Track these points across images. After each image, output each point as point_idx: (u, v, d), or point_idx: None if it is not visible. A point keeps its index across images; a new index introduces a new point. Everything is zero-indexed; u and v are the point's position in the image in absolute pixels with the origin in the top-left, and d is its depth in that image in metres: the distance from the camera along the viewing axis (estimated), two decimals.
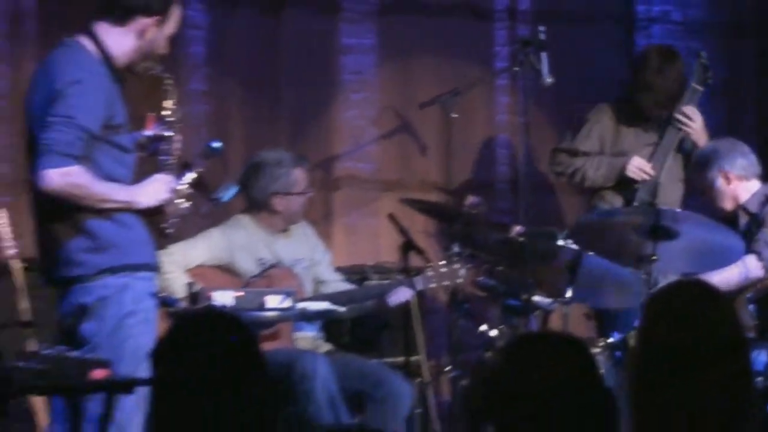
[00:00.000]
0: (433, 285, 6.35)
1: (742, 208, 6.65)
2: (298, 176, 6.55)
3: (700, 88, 6.97)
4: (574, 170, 7.05)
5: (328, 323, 6.68)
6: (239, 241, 6.59)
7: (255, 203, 6.57)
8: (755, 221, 6.67)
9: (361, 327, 6.93)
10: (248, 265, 6.49)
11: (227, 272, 6.53)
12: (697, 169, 6.79)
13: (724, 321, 3.27)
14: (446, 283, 6.30)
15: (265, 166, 6.54)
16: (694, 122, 6.97)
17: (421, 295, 6.46)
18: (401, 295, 6.36)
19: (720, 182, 6.63)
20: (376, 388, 6.30)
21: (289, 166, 6.53)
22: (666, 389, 3.18)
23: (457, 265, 6.23)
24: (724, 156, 6.63)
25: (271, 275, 6.46)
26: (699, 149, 6.90)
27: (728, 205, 6.63)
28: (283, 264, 6.52)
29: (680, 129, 6.99)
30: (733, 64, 8.20)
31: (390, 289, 6.48)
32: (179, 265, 6.42)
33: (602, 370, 3.83)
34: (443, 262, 6.29)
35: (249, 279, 6.43)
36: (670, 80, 6.98)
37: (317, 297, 6.46)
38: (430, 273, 6.25)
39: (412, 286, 6.28)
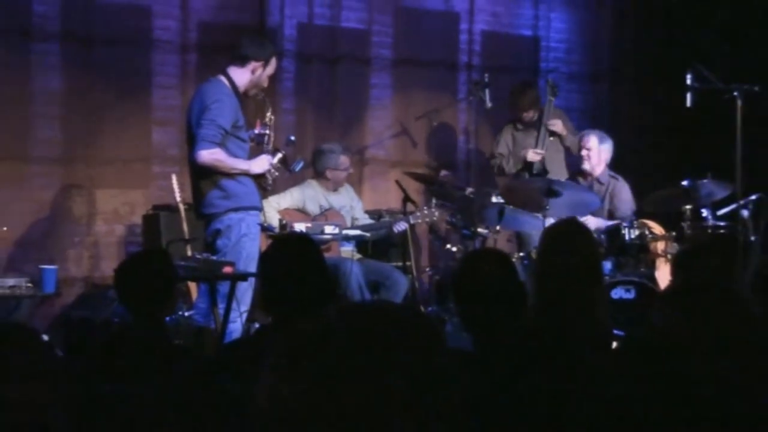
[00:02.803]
0: (419, 221, 7.36)
1: (596, 179, 7.64)
2: (343, 159, 7.65)
3: (552, 98, 7.89)
4: (497, 165, 8.10)
5: (359, 242, 7.59)
6: (309, 195, 7.64)
7: (318, 173, 7.70)
8: (607, 189, 7.63)
9: (378, 244, 7.73)
10: (314, 209, 7.61)
11: (302, 212, 7.57)
12: (600, 139, 7.71)
13: (588, 242, 4.12)
14: (427, 220, 7.33)
15: (324, 152, 7.68)
16: (556, 126, 7.94)
17: (412, 227, 7.49)
18: (401, 226, 7.34)
19: (596, 156, 7.64)
20: (385, 280, 7.42)
21: (338, 153, 7.64)
22: (551, 277, 3.92)
23: (433, 209, 7.28)
24: (611, 142, 7.74)
25: (327, 215, 7.55)
26: (591, 131, 7.84)
27: (597, 171, 7.62)
28: (334, 209, 7.64)
29: (550, 128, 7.90)
30: (594, 97, 9.61)
31: (395, 223, 7.40)
32: (274, 208, 7.40)
33: (518, 271, 3.96)
34: (425, 208, 7.36)
35: (314, 216, 7.52)
36: (528, 98, 8.00)
37: (353, 227, 7.50)
38: (417, 213, 7.29)
39: (407, 221, 7.32)
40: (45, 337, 4.64)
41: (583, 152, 7.73)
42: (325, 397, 1.17)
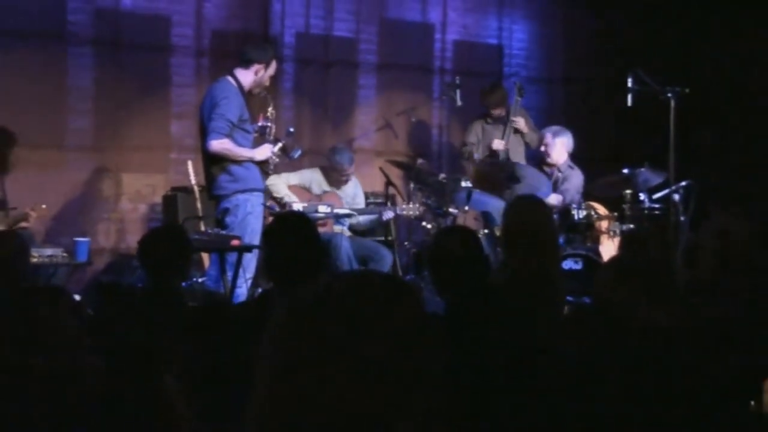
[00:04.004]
0: (404, 213, 7.27)
1: (557, 167, 7.69)
2: (346, 167, 7.55)
3: (519, 98, 7.86)
4: (468, 152, 8.02)
5: (352, 224, 7.56)
6: (315, 179, 7.61)
7: (327, 168, 7.68)
8: (563, 177, 7.67)
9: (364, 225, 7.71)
10: (317, 191, 7.58)
11: (306, 191, 7.53)
12: (554, 134, 7.74)
13: (545, 216, 4.22)
14: (411, 213, 7.22)
15: (336, 152, 7.62)
16: (519, 123, 7.89)
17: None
18: (389, 214, 7.33)
19: (557, 146, 7.68)
20: (374, 255, 7.36)
21: (345, 155, 7.57)
22: (515, 243, 3.96)
23: (417, 205, 7.20)
24: (568, 134, 7.76)
25: (324, 196, 7.51)
26: (548, 128, 7.89)
27: (560, 161, 7.63)
28: (333, 192, 7.57)
29: (513, 125, 7.87)
30: (550, 97, 9.63)
31: (384, 211, 7.34)
32: (285, 182, 7.39)
33: (483, 245, 3.71)
34: (411, 203, 7.25)
35: (312, 196, 7.50)
36: (497, 96, 7.97)
37: (350, 210, 7.40)
38: (404, 206, 7.23)
39: (394, 211, 7.32)
40: (77, 298, 4.83)
41: (542, 148, 7.80)
42: (318, 348, 1.17)
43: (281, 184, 7.37)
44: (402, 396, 1.15)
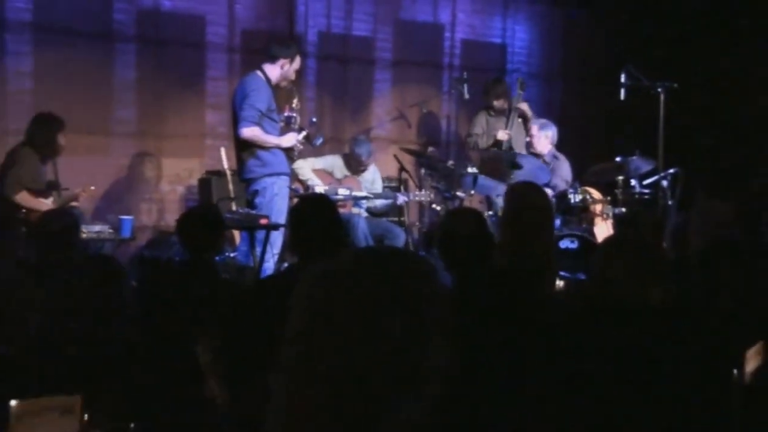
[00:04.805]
0: (416, 198, 7.32)
1: (543, 158, 7.55)
2: (364, 159, 7.49)
3: (521, 92, 7.83)
4: (473, 142, 7.95)
5: (369, 207, 7.53)
6: (337, 164, 7.56)
7: (348, 156, 7.62)
8: (550, 167, 7.47)
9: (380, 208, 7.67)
10: (339, 175, 7.53)
11: (329, 175, 7.49)
12: (540, 126, 7.67)
13: (543, 199, 4.10)
14: (422, 199, 7.29)
15: (356, 143, 7.59)
16: (523, 106, 7.84)
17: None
18: (402, 198, 7.38)
19: (541, 138, 7.62)
20: (388, 234, 7.32)
21: (364, 147, 7.51)
22: (514, 225, 3.87)
23: (429, 192, 7.23)
24: (553, 128, 7.69)
25: (344, 180, 7.48)
26: (535, 120, 7.79)
27: (544, 151, 7.58)
28: (353, 177, 7.52)
29: (519, 111, 7.79)
30: (549, 91, 9.65)
31: (398, 196, 7.38)
32: (310, 166, 7.37)
33: (487, 225, 3.69)
34: (421, 191, 7.30)
35: (334, 180, 7.47)
36: (499, 89, 7.91)
37: (368, 193, 7.38)
38: (417, 192, 7.28)
39: (407, 196, 7.34)
40: None
41: (528, 138, 7.75)
42: (336, 311, 1.17)
43: (307, 168, 7.36)
44: (413, 355, 1.15)
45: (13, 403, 2.20)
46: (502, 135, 7.79)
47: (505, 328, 2.97)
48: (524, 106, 7.93)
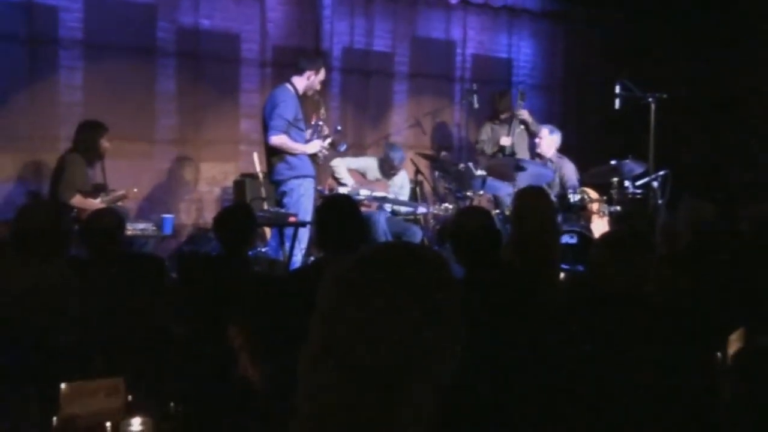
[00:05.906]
0: (435, 211, 7.06)
1: (548, 159, 7.54)
2: (398, 159, 7.33)
3: (521, 102, 7.82)
4: (480, 149, 8.03)
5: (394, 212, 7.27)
6: (370, 167, 7.42)
7: (383, 159, 7.45)
8: (557, 166, 7.47)
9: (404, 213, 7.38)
10: (371, 177, 7.34)
11: (362, 176, 7.35)
12: (550, 131, 7.61)
13: (547, 201, 4.20)
14: (441, 212, 6.97)
15: (389, 148, 7.43)
16: (524, 114, 7.84)
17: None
18: (422, 209, 7.27)
19: (547, 141, 7.56)
20: (405, 230, 7.13)
21: (397, 153, 7.33)
22: (522, 225, 3.93)
23: (447, 205, 6.97)
24: (559, 134, 7.62)
25: (375, 183, 7.33)
26: (545, 125, 7.70)
27: (549, 154, 7.52)
28: (382, 181, 7.34)
29: (520, 117, 7.80)
30: (551, 101, 9.57)
31: (418, 207, 7.28)
32: (346, 166, 7.24)
33: (495, 222, 3.63)
34: (443, 204, 7.02)
35: (365, 181, 7.30)
36: (505, 102, 8.00)
37: (390, 197, 7.17)
38: (437, 206, 7.02)
39: (427, 208, 7.24)
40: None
41: (537, 140, 7.68)
42: (358, 299, 1.16)
43: (342, 167, 7.27)
44: (426, 340, 1.14)
45: (63, 385, 2.21)
46: (504, 141, 7.81)
47: (511, 314, 2.95)
48: (525, 114, 7.92)
